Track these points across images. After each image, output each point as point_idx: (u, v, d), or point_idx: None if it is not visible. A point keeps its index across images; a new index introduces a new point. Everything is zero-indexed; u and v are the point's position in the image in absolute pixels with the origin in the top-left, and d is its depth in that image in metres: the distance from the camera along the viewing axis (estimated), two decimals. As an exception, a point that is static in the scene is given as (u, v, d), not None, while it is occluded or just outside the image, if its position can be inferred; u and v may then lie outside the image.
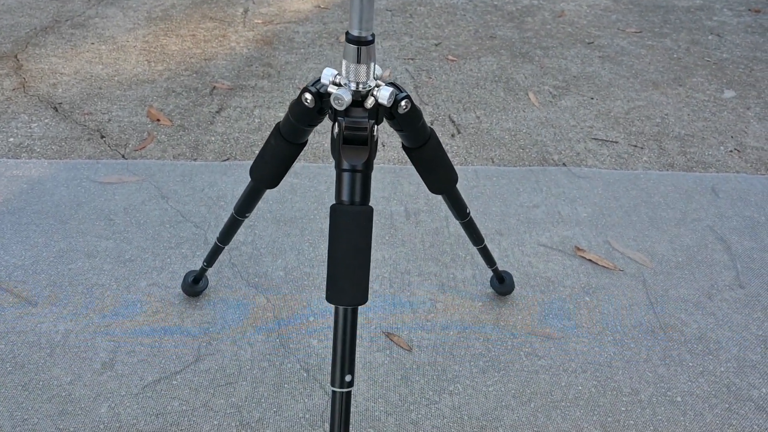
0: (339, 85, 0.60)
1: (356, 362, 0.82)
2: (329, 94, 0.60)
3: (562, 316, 0.95)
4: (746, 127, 1.45)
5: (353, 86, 0.59)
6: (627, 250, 1.08)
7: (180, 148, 1.28)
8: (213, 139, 1.31)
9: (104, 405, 0.80)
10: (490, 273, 1.01)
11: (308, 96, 0.62)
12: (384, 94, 0.59)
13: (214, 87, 1.50)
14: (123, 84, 1.49)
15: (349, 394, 0.59)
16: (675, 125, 1.45)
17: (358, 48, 0.57)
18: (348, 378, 0.58)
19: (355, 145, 0.58)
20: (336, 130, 0.59)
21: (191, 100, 1.44)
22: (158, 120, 1.36)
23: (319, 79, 0.62)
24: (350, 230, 0.57)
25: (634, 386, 0.85)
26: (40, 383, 0.82)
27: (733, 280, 1.03)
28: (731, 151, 1.37)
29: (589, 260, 1.05)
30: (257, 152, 1.27)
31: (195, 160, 1.24)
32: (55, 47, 1.64)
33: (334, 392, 0.59)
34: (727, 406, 0.84)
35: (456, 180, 0.76)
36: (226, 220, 1.08)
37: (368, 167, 0.58)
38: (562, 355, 0.89)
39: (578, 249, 1.07)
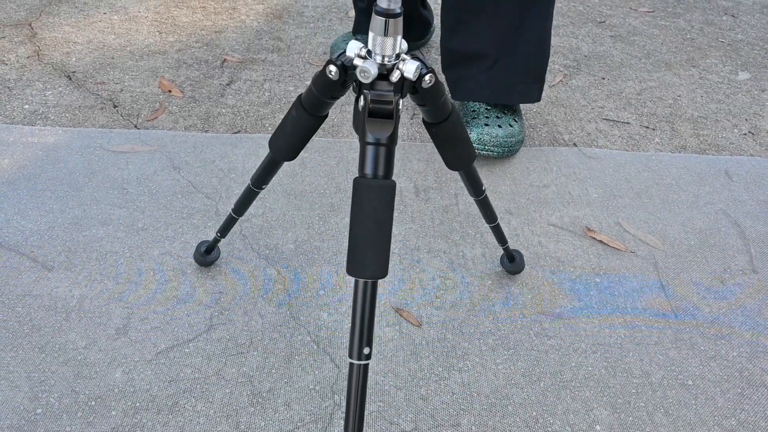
0: (364, 57, 0.60)
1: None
2: (354, 67, 0.60)
3: (572, 296, 0.95)
4: (761, 110, 1.44)
5: (379, 59, 0.59)
6: (638, 232, 1.08)
7: (191, 120, 1.27)
8: (224, 111, 1.31)
9: (118, 370, 0.81)
10: (499, 252, 1.01)
11: (333, 68, 0.62)
12: (410, 68, 0.59)
13: (225, 60, 1.49)
14: (135, 54, 1.49)
15: (366, 366, 0.59)
16: (688, 107, 1.44)
17: (386, 20, 0.57)
18: (366, 351, 0.59)
19: (380, 119, 0.58)
20: (361, 103, 0.59)
21: (202, 72, 1.43)
22: (170, 91, 1.36)
23: (344, 52, 0.62)
24: (373, 204, 0.57)
25: (645, 368, 0.86)
26: (57, 346, 0.83)
27: (747, 265, 1.03)
28: (745, 134, 1.36)
29: (600, 241, 1.05)
30: (268, 125, 1.28)
31: (206, 131, 1.24)
32: (69, 16, 1.63)
33: (351, 364, 0.59)
34: (740, 391, 0.84)
35: (474, 157, 0.76)
36: (236, 192, 1.09)
37: (392, 141, 0.58)
38: (572, 335, 0.89)
39: (589, 230, 1.07)
